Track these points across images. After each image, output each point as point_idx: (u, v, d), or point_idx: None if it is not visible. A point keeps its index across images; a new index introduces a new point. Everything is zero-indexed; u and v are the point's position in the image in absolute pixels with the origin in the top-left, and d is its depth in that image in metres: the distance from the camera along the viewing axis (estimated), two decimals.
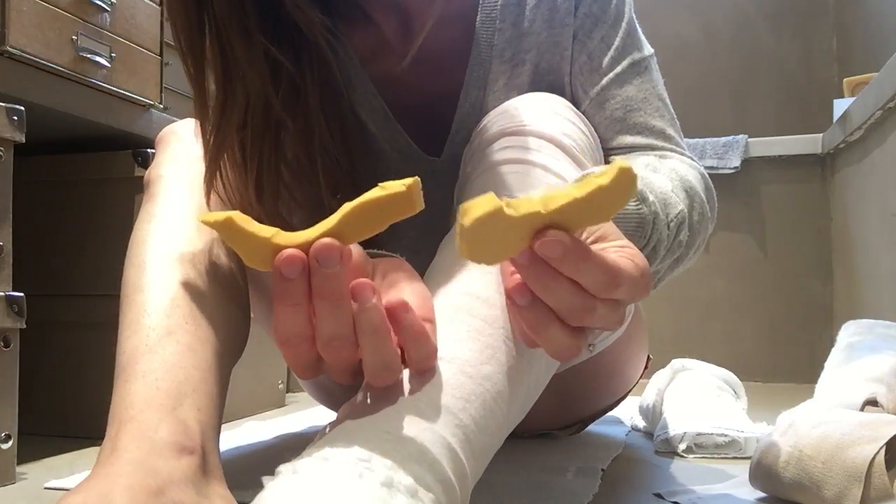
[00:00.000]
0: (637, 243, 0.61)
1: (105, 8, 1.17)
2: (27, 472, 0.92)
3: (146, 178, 0.78)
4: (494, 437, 0.53)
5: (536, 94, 0.71)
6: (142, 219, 0.73)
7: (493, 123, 0.67)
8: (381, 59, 0.79)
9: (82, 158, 1.20)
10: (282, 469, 0.46)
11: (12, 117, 0.89)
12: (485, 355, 0.52)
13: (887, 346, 0.98)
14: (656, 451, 0.99)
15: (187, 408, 0.58)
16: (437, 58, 0.79)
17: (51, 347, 1.18)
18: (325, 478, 0.43)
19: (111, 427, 0.57)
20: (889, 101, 1.37)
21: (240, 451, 0.99)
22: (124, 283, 0.69)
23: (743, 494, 0.75)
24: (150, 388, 0.58)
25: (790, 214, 2.10)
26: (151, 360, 0.60)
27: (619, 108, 0.78)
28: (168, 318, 0.64)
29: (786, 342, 2.07)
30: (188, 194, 0.74)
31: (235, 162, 0.70)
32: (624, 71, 0.78)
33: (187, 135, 0.80)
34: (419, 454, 0.46)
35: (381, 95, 0.80)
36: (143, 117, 1.24)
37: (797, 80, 2.20)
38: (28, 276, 0.95)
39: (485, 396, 0.51)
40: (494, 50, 0.79)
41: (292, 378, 1.72)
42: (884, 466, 0.64)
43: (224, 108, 0.69)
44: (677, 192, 0.69)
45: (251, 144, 0.70)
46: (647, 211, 0.63)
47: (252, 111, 0.69)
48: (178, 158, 0.77)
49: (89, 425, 1.14)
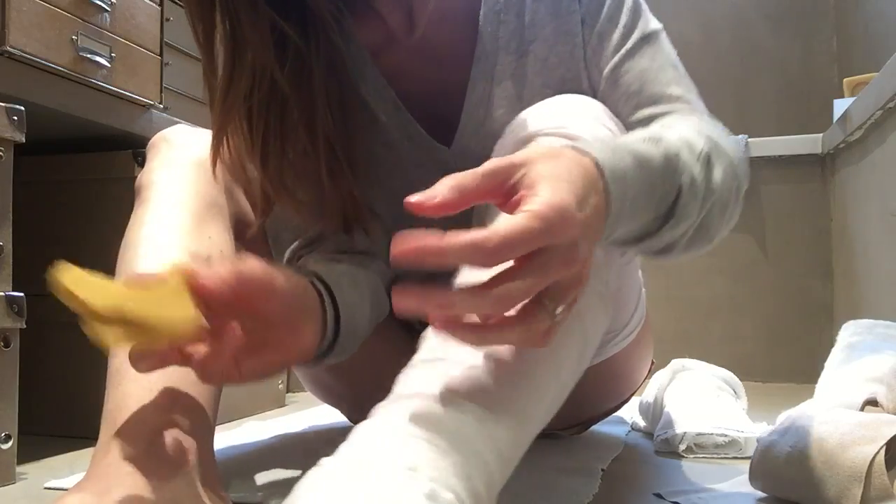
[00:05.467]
0: (671, 185, 0.58)
1: (105, 8, 1.17)
2: (27, 472, 0.92)
3: (137, 183, 0.78)
4: (523, 447, 0.54)
5: (572, 97, 0.70)
6: (133, 223, 0.74)
7: (528, 124, 0.66)
8: (389, 53, 0.79)
9: (82, 158, 1.20)
10: (325, 463, 0.47)
11: (12, 117, 0.89)
12: (527, 364, 0.52)
13: (887, 346, 0.98)
14: (656, 451, 0.99)
15: (181, 410, 0.59)
16: (443, 51, 0.80)
17: (51, 347, 1.18)
18: (371, 482, 0.44)
19: (105, 429, 0.58)
20: (889, 101, 1.37)
21: (240, 451, 0.99)
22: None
23: (743, 494, 0.75)
24: (143, 390, 0.59)
25: (790, 214, 2.10)
26: None
27: (635, 82, 0.76)
28: None
29: (786, 342, 2.07)
30: (180, 199, 0.75)
31: (242, 131, 0.72)
32: (635, 45, 0.77)
33: (179, 141, 0.81)
34: (459, 468, 0.46)
35: (390, 87, 0.81)
36: (143, 117, 1.24)
37: (797, 80, 2.19)
38: (28, 276, 0.95)
39: (521, 408, 0.52)
40: (500, 42, 0.79)
41: (292, 378, 1.72)
42: (884, 466, 0.64)
43: (231, 77, 0.69)
44: (700, 136, 0.64)
45: (257, 114, 0.71)
46: (669, 150, 0.58)
47: (258, 81, 0.70)
48: (170, 164, 0.78)
49: (89, 425, 1.13)
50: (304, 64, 0.72)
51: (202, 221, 0.74)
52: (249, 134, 0.72)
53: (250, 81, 0.69)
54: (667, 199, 0.58)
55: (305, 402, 1.60)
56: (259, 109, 0.71)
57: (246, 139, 0.72)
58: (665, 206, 0.58)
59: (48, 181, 1.21)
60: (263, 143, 0.72)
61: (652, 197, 0.56)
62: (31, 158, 1.12)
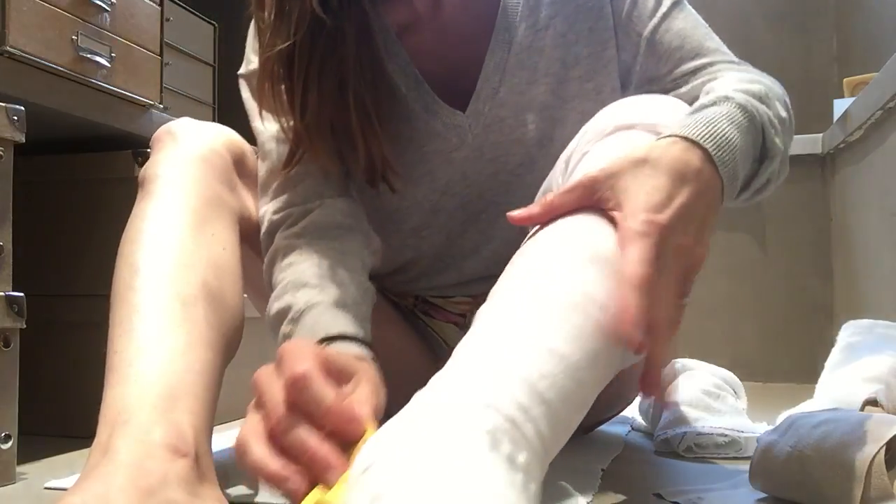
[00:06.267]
0: (756, 130, 0.67)
1: (105, 8, 1.17)
2: (27, 472, 0.92)
3: (141, 175, 0.78)
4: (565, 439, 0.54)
5: (652, 95, 0.73)
6: (136, 216, 0.73)
7: (608, 118, 0.68)
8: (413, 32, 0.83)
9: (82, 158, 1.20)
10: (408, 417, 0.48)
11: (12, 117, 0.89)
12: (588, 359, 0.52)
13: (887, 346, 0.98)
14: (656, 451, 0.99)
15: (180, 410, 0.58)
16: (465, 30, 0.84)
17: (51, 347, 1.18)
18: (454, 448, 0.44)
19: (102, 429, 0.57)
20: (889, 101, 1.37)
21: None
22: (116, 281, 0.69)
23: (743, 494, 0.75)
24: (142, 390, 0.58)
25: (790, 214, 2.10)
26: (143, 363, 0.60)
27: (675, 39, 0.82)
28: (160, 320, 0.64)
29: (786, 342, 2.07)
30: (184, 195, 0.75)
31: (282, 79, 0.77)
32: (668, 9, 0.82)
33: (184, 135, 0.81)
34: (531, 441, 0.47)
35: (413, 63, 0.86)
36: (143, 117, 1.25)
37: (797, 80, 2.19)
38: (28, 276, 0.95)
39: (578, 399, 0.52)
40: (520, 15, 0.84)
41: None
42: (884, 466, 0.64)
43: (277, 21, 0.74)
44: (752, 82, 0.73)
45: (298, 62, 0.75)
46: (740, 102, 0.66)
47: (300, 25, 0.73)
48: (175, 158, 0.78)
49: (89, 425, 1.13)
50: (338, 28, 0.76)
51: (205, 219, 0.74)
52: (290, 82, 0.76)
53: (294, 26, 0.74)
54: (757, 143, 0.67)
55: None
56: (300, 58, 0.75)
57: (287, 89, 0.77)
58: (757, 148, 0.68)
59: (48, 181, 1.21)
60: (303, 93, 0.76)
61: (748, 145, 0.65)
62: (31, 158, 1.12)
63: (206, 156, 0.78)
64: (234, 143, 0.85)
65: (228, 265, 0.74)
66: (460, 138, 0.86)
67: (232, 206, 0.80)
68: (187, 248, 0.70)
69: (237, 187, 0.83)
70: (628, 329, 0.51)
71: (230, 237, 0.77)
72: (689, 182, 0.57)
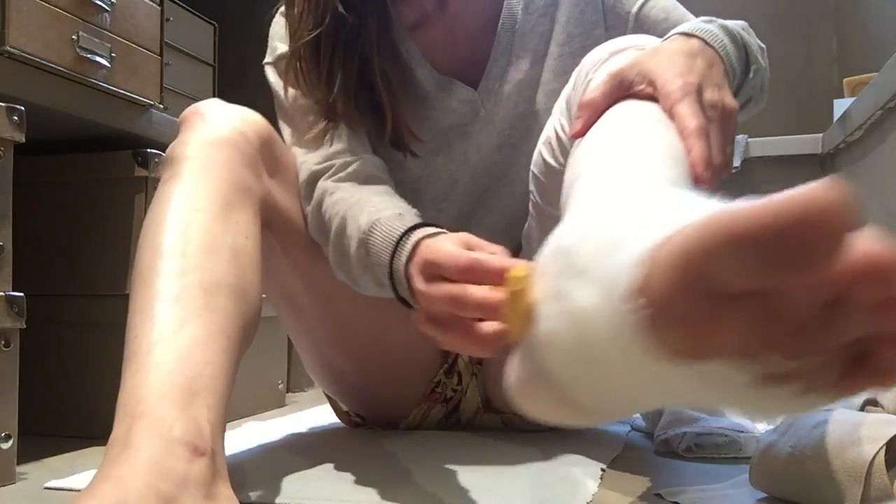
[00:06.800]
0: (738, 40, 0.76)
1: (105, 8, 1.17)
2: (27, 472, 0.92)
3: (169, 153, 0.77)
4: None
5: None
6: (162, 197, 0.73)
7: (601, 50, 0.78)
8: (424, 29, 0.95)
9: (82, 158, 1.20)
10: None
11: (12, 117, 0.89)
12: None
13: None
14: (656, 451, 0.99)
15: (199, 405, 0.58)
16: (472, 25, 0.96)
17: (51, 347, 1.18)
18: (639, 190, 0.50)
19: (122, 420, 0.56)
20: (889, 101, 1.37)
21: (241, 451, 0.99)
22: (139, 262, 0.68)
23: (743, 494, 0.75)
24: (163, 381, 0.58)
25: None
26: (165, 352, 0.59)
27: (661, 13, 0.93)
28: (183, 309, 0.63)
29: None
30: (211, 179, 0.74)
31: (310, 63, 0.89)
32: None
33: (213, 116, 0.81)
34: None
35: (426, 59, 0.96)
36: (143, 117, 1.25)
37: (797, 80, 2.20)
38: (28, 276, 0.95)
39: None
40: (523, 3, 0.96)
41: (292, 378, 1.72)
42: (884, 466, 0.64)
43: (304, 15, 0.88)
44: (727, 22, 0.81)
45: (324, 47, 0.88)
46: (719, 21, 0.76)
47: (324, 18, 0.86)
48: (204, 140, 0.77)
49: (89, 425, 1.14)
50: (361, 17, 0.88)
51: (231, 205, 0.74)
52: (317, 63, 0.88)
53: (320, 17, 0.86)
54: (741, 53, 0.75)
55: (305, 402, 1.61)
56: (326, 41, 0.87)
57: (315, 72, 0.89)
58: (742, 59, 0.76)
59: (48, 181, 1.21)
60: (329, 73, 0.88)
61: (735, 48, 0.74)
62: (31, 158, 1.12)
63: (234, 140, 0.78)
64: (263, 128, 0.85)
65: (250, 256, 0.73)
66: (474, 112, 0.97)
67: (257, 193, 0.80)
68: (213, 234, 0.70)
69: (262, 174, 0.83)
70: (701, 170, 0.59)
71: (253, 226, 0.77)
72: (697, 56, 0.69)
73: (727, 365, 0.34)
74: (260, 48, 0.98)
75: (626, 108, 0.67)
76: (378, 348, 1.02)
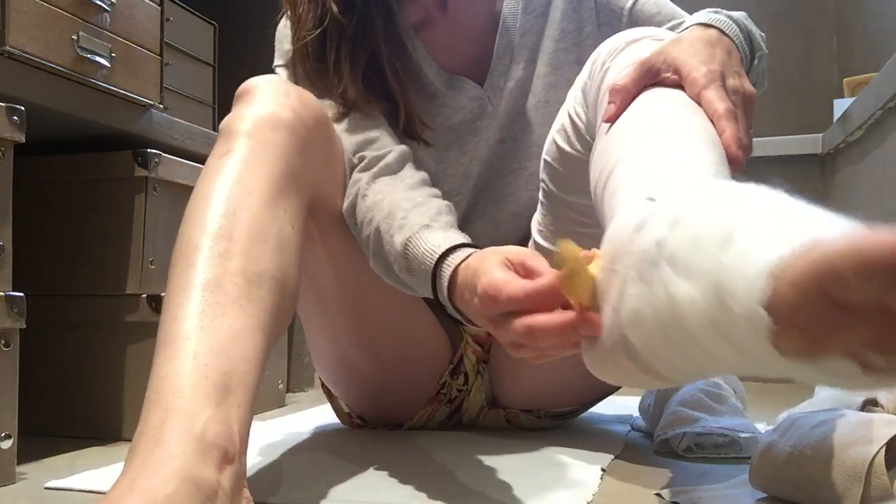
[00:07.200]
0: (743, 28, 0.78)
1: (105, 8, 1.17)
2: (27, 472, 0.92)
3: (225, 126, 0.76)
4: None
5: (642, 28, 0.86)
6: (214, 170, 0.71)
7: (616, 40, 0.81)
8: (428, 30, 0.99)
9: (82, 158, 1.20)
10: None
11: (12, 117, 0.89)
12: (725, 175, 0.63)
13: None
14: (656, 451, 0.99)
15: (231, 403, 0.57)
16: (471, 25, 1.01)
17: (51, 347, 1.18)
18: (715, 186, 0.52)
19: (153, 410, 0.55)
20: (889, 101, 1.37)
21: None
22: (183, 236, 0.67)
23: (743, 494, 0.75)
24: (198, 374, 0.57)
25: None
26: (202, 341, 0.59)
27: (653, 7, 0.98)
28: (225, 296, 0.62)
29: None
30: (266, 162, 0.73)
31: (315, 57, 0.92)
32: None
33: (274, 95, 0.79)
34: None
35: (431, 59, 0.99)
36: (142, 117, 1.25)
37: (797, 80, 2.19)
38: (28, 276, 0.95)
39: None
40: (520, 5, 1.01)
41: (292, 378, 1.72)
42: (884, 466, 0.63)
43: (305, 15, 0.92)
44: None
45: (329, 41, 0.91)
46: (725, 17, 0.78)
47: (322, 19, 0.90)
48: (262, 119, 0.76)
49: (89, 425, 1.14)
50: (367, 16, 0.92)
51: (280, 192, 0.73)
52: (323, 58, 0.92)
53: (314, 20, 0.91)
54: (746, 39, 0.78)
55: (305, 402, 1.60)
56: (330, 39, 0.91)
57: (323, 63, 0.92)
58: (748, 44, 0.78)
59: (48, 181, 1.21)
60: (336, 65, 0.91)
61: (742, 34, 0.77)
62: (31, 158, 1.12)
63: (291, 122, 0.77)
64: (319, 111, 0.84)
65: (294, 247, 0.72)
66: (482, 108, 1.01)
67: (305, 180, 0.79)
68: (262, 220, 0.69)
69: (313, 160, 0.81)
70: (734, 150, 0.63)
71: (299, 215, 0.76)
72: (716, 45, 0.73)
73: (838, 361, 0.37)
74: (260, 48, 0.99)
75: (656, 95, 0.70)
76: (399, 344, 1.02)
